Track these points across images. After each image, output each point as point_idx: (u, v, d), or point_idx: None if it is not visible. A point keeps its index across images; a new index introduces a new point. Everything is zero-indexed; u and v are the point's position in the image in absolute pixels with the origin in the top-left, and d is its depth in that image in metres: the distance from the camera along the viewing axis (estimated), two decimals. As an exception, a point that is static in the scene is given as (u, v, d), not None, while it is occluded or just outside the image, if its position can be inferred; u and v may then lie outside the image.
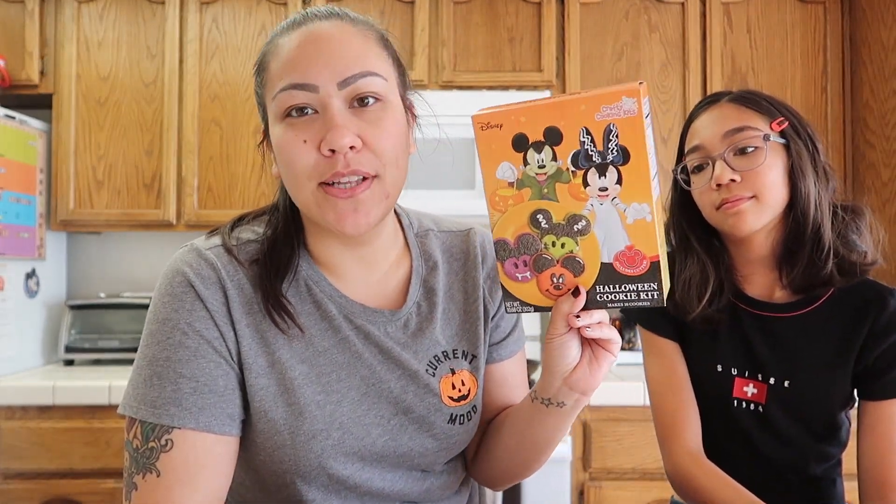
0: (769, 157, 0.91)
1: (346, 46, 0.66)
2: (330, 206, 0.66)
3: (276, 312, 0.70)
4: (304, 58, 0.65)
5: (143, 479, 0.65)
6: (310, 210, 0.68)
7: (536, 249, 0.61)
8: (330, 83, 0.65)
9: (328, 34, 0.66)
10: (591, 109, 0.55)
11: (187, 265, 0.70)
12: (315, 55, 0.65)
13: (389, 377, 0.74)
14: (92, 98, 2.15)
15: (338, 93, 0.65)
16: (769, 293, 1.00)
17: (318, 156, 0.65)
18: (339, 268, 0.76)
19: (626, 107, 0.54)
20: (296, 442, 0.69)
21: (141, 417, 0.66)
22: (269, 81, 0.68)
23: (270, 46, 0.70)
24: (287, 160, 0.66)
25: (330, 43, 0.66)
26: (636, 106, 0.54)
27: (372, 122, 0.66)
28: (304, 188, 0.66)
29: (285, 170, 0.68)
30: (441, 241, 0.86)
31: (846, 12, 2.19)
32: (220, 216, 2.13)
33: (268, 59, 0.69)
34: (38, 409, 1.81)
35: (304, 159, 0.65)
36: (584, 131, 0.56)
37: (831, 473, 0.99)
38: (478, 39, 2.17)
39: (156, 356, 0.67)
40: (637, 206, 0.57)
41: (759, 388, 0.96)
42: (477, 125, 0.59)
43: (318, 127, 0.65)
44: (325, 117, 0.65)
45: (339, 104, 0.65)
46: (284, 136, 0.66)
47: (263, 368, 0.70)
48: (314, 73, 0.65)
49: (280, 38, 0.69)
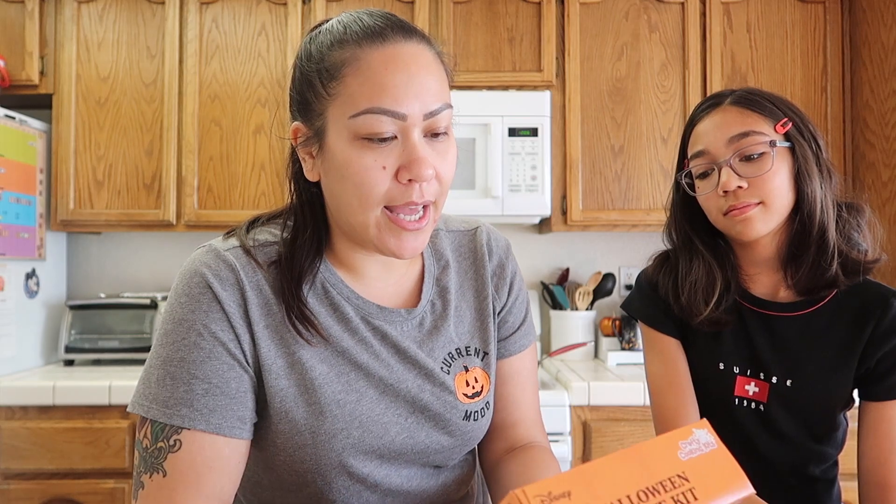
0: (775, 162, 0.91)
1: (430, 77, 0.67)
2: (393, 233, 0.68)
3: (300, 324, 0.71)
4: (395, 85, 0.64)
5: (150, 479, 0.65)
6: (366, 231, 0.68)
7: None
8: (418, 114, 0.65)
9: (414, 60, 0.66)
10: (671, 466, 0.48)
11: (206, 266, 0.70)
12: (406, 83, 0.64)
13: (406, 376, 0.75)
14: (92, 98, 2.15)
15: (421, 123, 0.66)
16: (774, 293, 1.00)
17: (393, 182, 0.66)
18: (360, 271, 0.77)
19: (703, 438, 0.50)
20: (317, 441, 0.70)
21: (152, 417, 0.66)
22: (346, 94, 0.65)
23: (348, 56, 0.66)
24: (359, 182, 0.65)
25: (419, 72, 0.66)
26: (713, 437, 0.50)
27: (441, 154, 0.68)
28: (369, 211, 0.67)
29: (351, 190, 0.66)
30: (451, 240, 0.87)
31: (846, 12, 2.19)
32: (220, 216, 2.13)
33: (345, 71, 0.65)
34: (38, 409, 1.81)
35: (380, 185, 0.65)
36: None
37: (829, 474, 0.99)
38: (478, 39, 2.17)
39: (170, 356, 0.68)
40: None
41: (760, 387, 0.96)
42: (535, 499, 0.44)
43: (398, 154, 0.65)
44: (407, 146, 0.65)
45: (419, 134, 0.66)
46: (362, 159, 0.65)
47: (283, 369, 0.71)
48: (406, 102, 0.64)
49: (361, 50, 0.65)
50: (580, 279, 2.47)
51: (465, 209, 2.05)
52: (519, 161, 2.08)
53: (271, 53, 2.17)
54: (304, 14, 2.17)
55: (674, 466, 0.47)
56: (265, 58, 2.17)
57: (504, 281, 0.86)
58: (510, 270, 0.87)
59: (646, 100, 2.18)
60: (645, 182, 2.17)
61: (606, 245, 2.48)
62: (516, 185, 2.08)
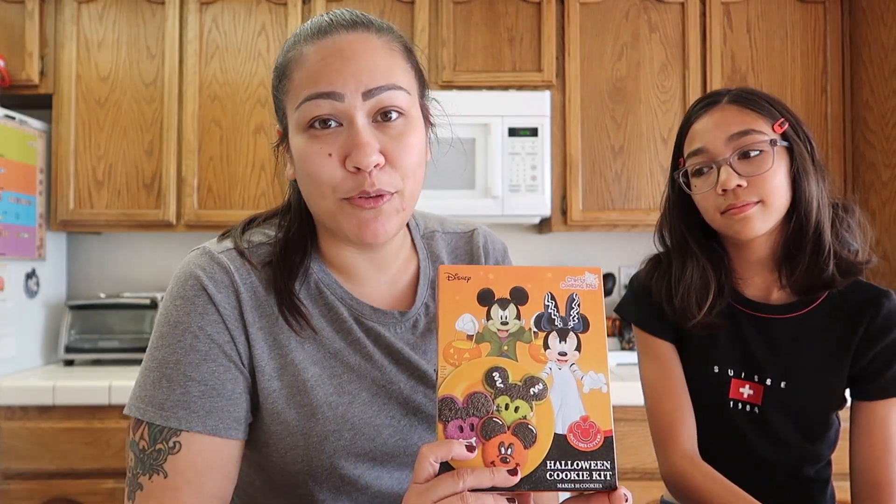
0: (775, 161, 0.91)
1: (372, 59, 0.66)
2: (352, 216, 0.67)
3: (290, 314, 0.71)
4: (329, 69, 0.65)
5: (149, 480, 0.65)
6: (331, 219, 0.69)
7: (487, 411, 0.56)
8: (355, 93, 0.65)
9: (354, 46, 0.66)
10: (556, 278, 0.59)
11: (200, 268, 0.70)
12: (340, 66, 0.65)
13: (399, 378, 0.75)
14: (92, 98, 2.15)
15: (362, 104, 0.65)
16: (767, 295, 1.00)
17: (343, 171, 0.65)
18: (350, 270, 0.77)
19: (588, 280, 0.60)
20: (308, 443, 0.70)
21: (149, 419, 0.66)
22: (292, 90, 0.68)
23: (294, 53, 0.69)
24: (309, 171, 0.66)
25: (356, 55, 0.66)
26: (597, 281, 0.60)
27: (394, 138, 0.66)
28: (327, 199, 0.67)
29: (306, 180, 0.68)
30: (447, 241, 0.86)
31: (846, 12, 2.19)
32: (220, 216, 2.13)
33: (291, 67, 0.68)
34: (39, 409, 1.81)
35: (328, 173, 0.65)
36: (548, 296, 0.59)
37: (823, 474, 0.99)
38: (478, 39, 2.17)
39: (165, 359, 0.68)
40: (594, 376, 0.58)
41: (755, 390, 0.96)
42: (443, 275, 0.59)
43: (343, 141, 0.65)
44: (350, 132, 0.65)
45: (363, 118, 0.65)
46: (308, 147, 0.66)
47: (276, 371, 0.71)
48: (339, 82, 0.65)
49: (304, 46, 0.68)
50: (580, 279, 2.47)
51: (465, 209, 2.05)
52: (519, 161, 2.08)
53: (271, 53, 2.17)
54: (304, 14, 2.17)
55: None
56: (265, 58, 2.17)
57: None
58: None
59: (646, 100, 2.18)
60: (645, 182, 2.17)
61: (606, 245, 2.48)
62: (516, 185, 2.08)
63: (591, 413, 0.57)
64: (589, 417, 0.57)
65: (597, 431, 0.56)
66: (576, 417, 0.57)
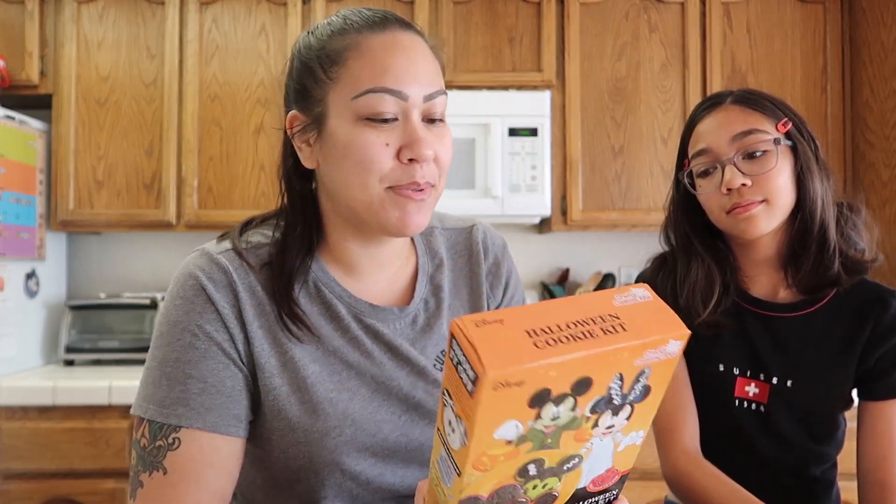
0: (779, 160, 0.91)
1: (427, 64, 0.70)
2: (397, 206, 0.68)
3: (291, 323, 0.71)
4: (396, 66, 0.67)
5: (149, 477, 0.66)
6: (366, 209, 0.69)
7: (512, 497, 0.50)
8: (418, 94, 0.68)
9: (414, 47, 0.69)
10: (633, 356, 0.47)
11: (199, 269, 0.71)
12: (406, 65, 0.67)
13: (398, 374, 0.75)
14: (92, 98, 2.15)
15: (420, 105, 0.68)
16: (773, 293, 1.00)
17: (395, 162, 0.67)
18: (353, 267, 0.77)
19: (669, 349, 0.48)
20: (310, 439, 0.71)
21: (149, 417, 0.67)
22: (347, 77, 0.68)
23: (350, 41, 0.68)
24: (361, 159, 0.67)
25: (416, 57, 0.69)
26: (679, 348, 0.48)
27: (439, 137, 0.70)
28: (372, 188, 0.68)
29: (353, 168, 0.68)
30: (445, 237, 0.87)
31: (846, 12, 2.19)
32: (220, 216, 2.13)
33: (347, 54, 0.68)
34: (39, 409, 1.81)
35: (382, 162, 0.67)
36: (617, 377, 0.47)
37: (829, 475, 0.99)
38: (477, 39, 2.17)
39: (165, 357, 0.69)
40: (634, 435, 0.51)
41: (761, 388, 0.96)
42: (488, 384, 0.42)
43: (399, 134, 0.67)
44: (408, 127, 0.68)
45: (418, 116, 0.68)
46: (365, 136, 0.67)
47: (277, 368, 0.71)
48: (406, 81, 0.67)
49: (362, 35, 0.68)
50: (580, 279, 2.47)
51: (464, 209, 2.05)
52: (519, 161, 2.08)
53: (271, 54, 2.17)
54: (304, 14, 2.17)
55: (606, 309, 0.48)
56: (265, 58, 2.17)
57: (499, 280, 0.86)
58: (506, 269, 0.87)
59: (646, 100, 2.18)
60: (645, 182, 2.17)
61: (606, 245, 2.48)
62: (516, 185, 2.08)
63: (617, 464, 0.52)
64: (614, 467, 0.52)
65: (616, 474, 0.53)
66: (601, 471, 0.52)
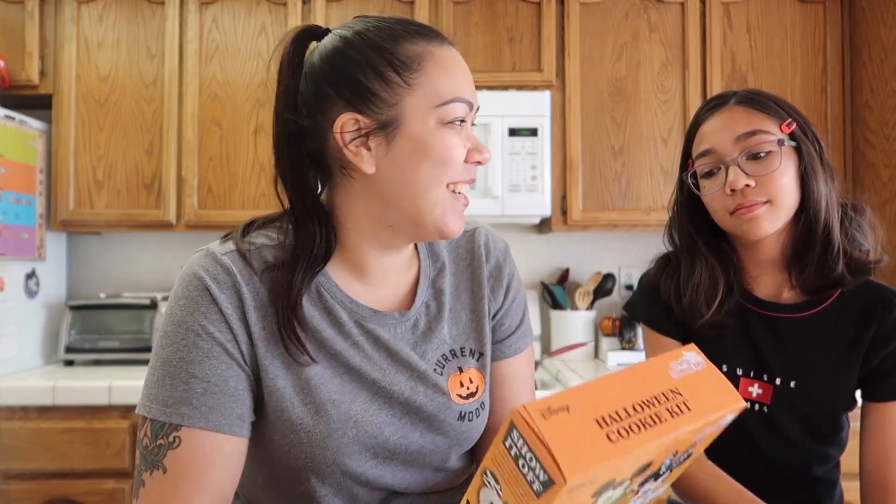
0: (783, 161, 0.91)
1: None
2: (456, 212, 0.75)
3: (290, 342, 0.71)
4: (465, 80, 0.74)
5: (150, 476, 0.66)
6: (432, 211, 0.72)
7: None
8: (473, 106, 0.75)
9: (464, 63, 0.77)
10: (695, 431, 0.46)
11: (203, 269, 0.71)
12: (469, 79, 0.75)
13: (399, 379, 0.76)
14: (92, 98, 2.15)
15: (471, 115, 0.75)
16: (777, 294, 1.00)
17: (463, 163, 0.74)
18: (364, 273, 0.78)
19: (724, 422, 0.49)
20: (312, 440, 0.71)
21: (152, 416, 0.68)
22: (427, 84, 0.71)
23: (422, 49, 0.72)
24: (444, 159, 0.71)
25: (469, 72, 0.76)
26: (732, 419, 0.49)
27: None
28: (440, 189, 0.72)
29: (431, 168, 0.71)
30: (448, 241, 0.87)
31: (846, 12, 2.19)
32: (220, 216, 2.13)
33: (425, 62, 0.72)
34: (39, 409, 1.80)
35: (459, 160, 0.73)
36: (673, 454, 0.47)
37: (831, 475, 0.99)
38: (477, 39, 2.17)
39: (169, 357, 0.69)
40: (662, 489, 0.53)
41: (764, 389, 0.96)
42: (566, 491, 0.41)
43: (466, 139, 0.74)
44: (471, 133, 0.75)
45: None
46: (450, 139, 0.72)
47: (280, 370, 0.72)
48: (471, 95, 0.74)
49: (432, 47, 0.73)
50: (580, 279, 2.47)
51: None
52: (519, 161, 2.08)
53: (271, 53, 2.16)
54: (304, 14, 2.17)
55: (666, 383, 0.48)
56: (265, 58, 2.17)
57: (500, 283, 0.86)
58: (507, 273, 0.87)
59: (646, 100, 2.18)
60: (645, 182, 2.17)
61: (606, 245, 2.48)
62: (516, 185, 2.08)
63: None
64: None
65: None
66: None
